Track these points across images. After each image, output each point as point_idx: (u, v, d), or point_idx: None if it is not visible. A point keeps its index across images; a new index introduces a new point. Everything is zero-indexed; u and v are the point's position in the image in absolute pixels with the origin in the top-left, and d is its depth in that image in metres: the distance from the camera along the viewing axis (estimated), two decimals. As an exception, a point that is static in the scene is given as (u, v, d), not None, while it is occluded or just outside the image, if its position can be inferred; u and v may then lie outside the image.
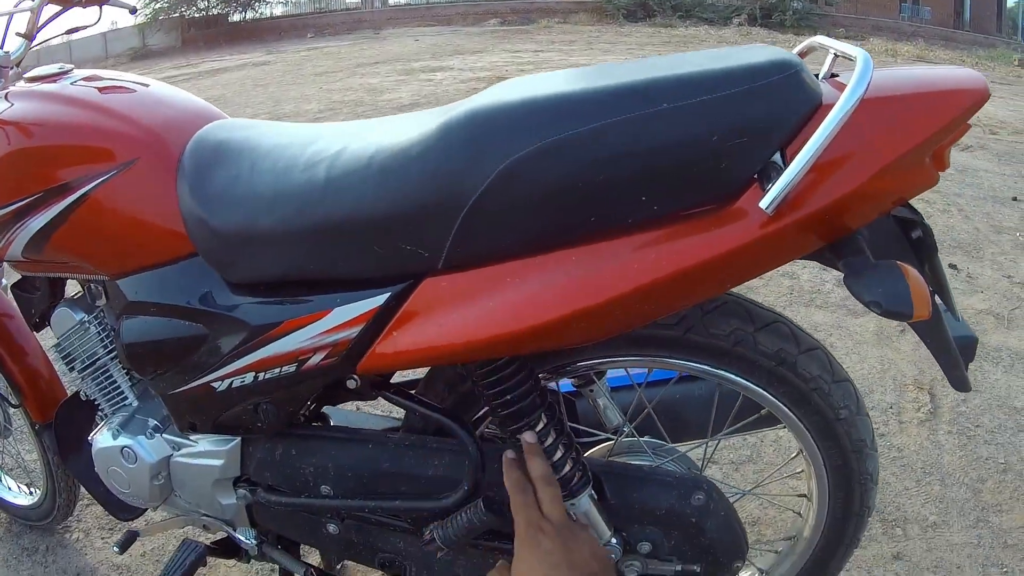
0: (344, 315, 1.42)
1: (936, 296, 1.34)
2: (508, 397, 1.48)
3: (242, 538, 1.89)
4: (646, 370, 1.69)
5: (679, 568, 1.65)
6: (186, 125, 1.64)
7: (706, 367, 1.55)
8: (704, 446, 1.88)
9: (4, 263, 2.42)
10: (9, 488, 2.91)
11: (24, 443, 3.02)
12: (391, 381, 1.67)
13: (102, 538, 2.79)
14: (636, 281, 1.22)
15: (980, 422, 3.31)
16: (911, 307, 1.14)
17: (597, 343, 1.48)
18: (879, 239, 1.32)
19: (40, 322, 2.08)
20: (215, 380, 1.59)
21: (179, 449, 1.82)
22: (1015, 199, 5.35)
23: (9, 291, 2.13)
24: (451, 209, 1.26)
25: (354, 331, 1.42)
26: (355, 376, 1.57)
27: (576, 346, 1.46)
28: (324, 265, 1.42)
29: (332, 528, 1.77)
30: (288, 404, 1.62)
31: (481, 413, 1.68)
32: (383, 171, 1.33)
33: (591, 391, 1.76)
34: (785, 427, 1.67)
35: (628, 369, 1.68)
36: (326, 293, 1.45)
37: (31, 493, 2.82)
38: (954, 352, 1.40)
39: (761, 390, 1.57)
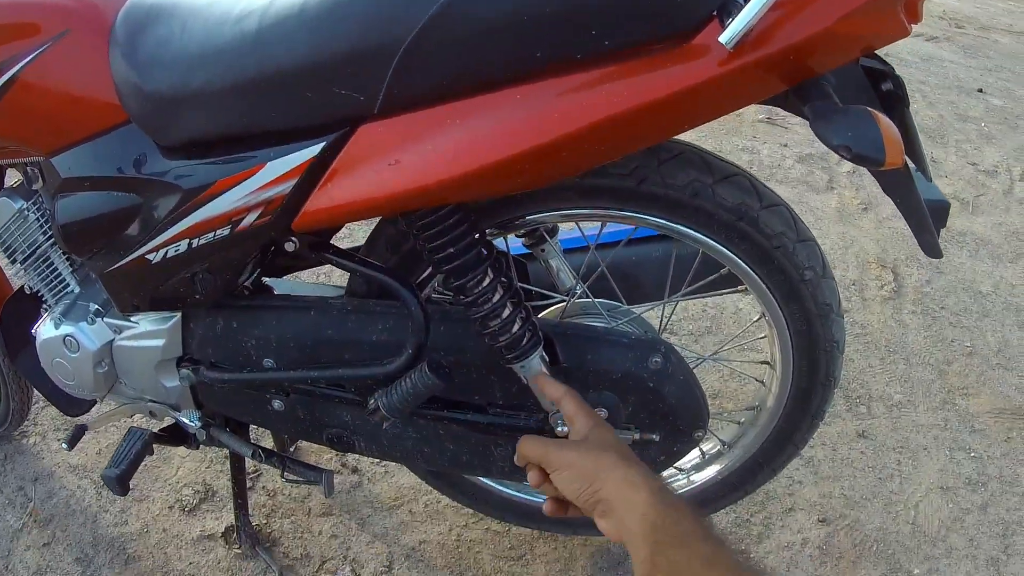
0: (277, 169, 1.37)
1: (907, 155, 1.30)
2: (451, 250, 1.43)
3: (187, 421, 1.85)
4: (599, 227, 1.64)
5: (637, 437, 1.62)
6: None
7: (663, 220, 1.50)
8: (662, 309, 1.85)
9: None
10: (-38, 398, 2.85)
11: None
12: (332, 242, 1.62)
13: (59, 440, 2.75)
14: (585, 119, 1.16)
15: (945, 304, 3.31)
16: (883, 152, 1.08)
17: (547, 195, 1.47)
18: (847, 88, 1.26)
19: None
20: (150, 252, 1.54)
21: (120, 332, 1.77)
22: (980, 91, 5.32)
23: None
24: (386, 49, 1.20)
25: (288, 185, 1.37)
26: (293, 238, 1.51)
27: (523, 191, 1.41)
28: (257, 119, 1.36)
29: (277, 404, 1.74)
30: (225, 271, 1.57)
31: (426, 275, 1.64)
32: (316, 17, 1.26)
33: (543, 251, 1.73)
34: (746, 290, 1.64)
35: (580, 225, 1.65)
36: (259, 148, 1.39)
37: (-17, 402, 2.77)
38: (926, 215, 1.36)
39: (721, 247, 1.53)
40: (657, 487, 1.19)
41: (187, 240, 1.50)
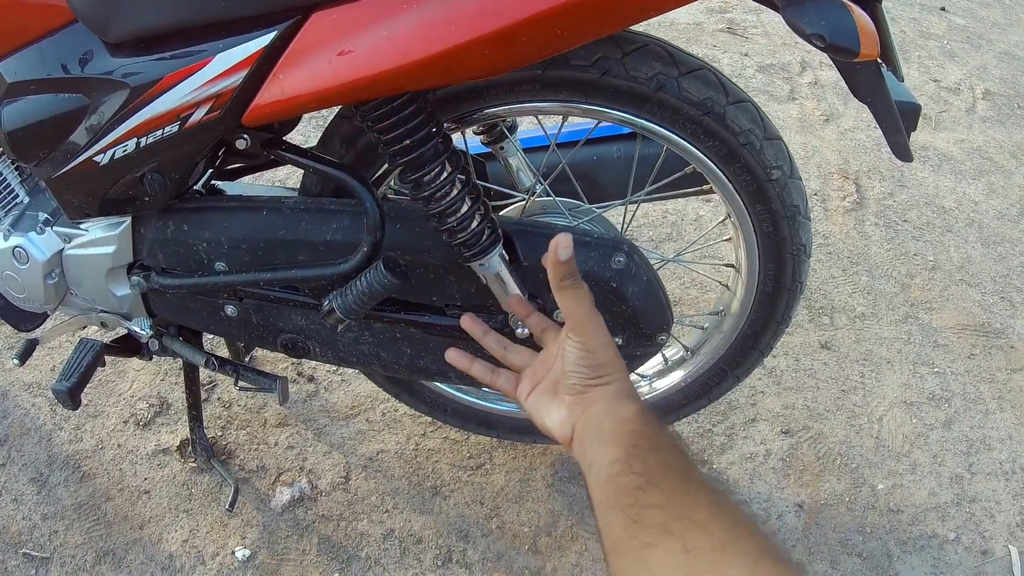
0: (226, 61, 1.32)
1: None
2: (407, 141, 1.38)
3: (138, 330, 1.82)
4: (559, 124, 1.61)
5: None
6: None
7: (627, 115, 1.47)
8: (624, 209, 1.81)
9: None
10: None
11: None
12: (285, 139, 1.58)
13: (12, 358, 2.72)
14: (544, 3, 1.13)
15: (908, 217, 3.30)
16: (857, 42, 1.07)
17: (508, 88, 1.44)
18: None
19: None
20: (97, 153, 1.50)
21: (70, 241, 1.73)
22: (943, 9, 5.28)
23: None
24: None
25: (237, 77, 1.33)
26: (244, 135, 1.48)
27: (481, 78, 1.39)
28: (204, 9, 1.31)
29: (230, 310, 1.71)
30: (174, 171, 1.53)
31: (382, 172, 1.61)
32: None
33: (502, 149, 1.70)
34: (710, 191, 1.62)
35: (541, 121, 1.61)
36: (208, 40, 1.34)
37: (-67, 324, 2.73)
38: (896, 116, 1.33)
39: (686, 143, 1.50)
40: (645, 406, 1.20)
41: (135, 139, 1.46)
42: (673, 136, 1.49)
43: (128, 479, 2.26)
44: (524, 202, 1.74)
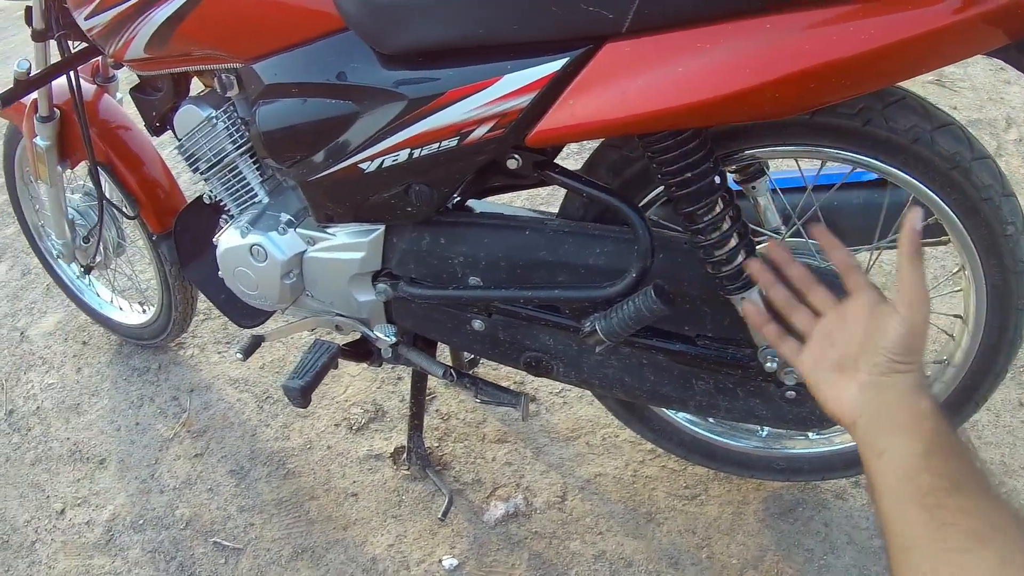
0: (515, 82, 1.33)
1: None
2: (687, 175, 1.38)
3: (382, 336, 1.83)
4: (818, 165, 1.59)
5: None
6: None
7: (882, 164, 1.46)
8: (869, 254, 1.80)
9: (117, 75, 2.38)
10: (120, 308, 2.89)
11: (139, 263, 3.02)
12: (555, 162, 1.57)
13: (219, 352, 2.77)
14: (834, 53, 1.13)
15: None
16: None
17: (776, 129, 1.44)
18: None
19: (161, 126, 2.01)
20: (364, 160, 1.52)
21: (314, 244, 1.75)
22: None
23: (129, 96, 2.06)
24: None
25: (525, 99, 1.33)
26: (517, 155, 1.48)
27: (764, 120, 1.40)
28: (495, 29, 1.33)
29: (478, 324, 1.71)
30: (443, 185, 1.53)
31: (646, 201, 1.59)
32: None
33: (753, 188, 1.68)
34: (947, 242, 1.60)
35: (799, 162, 1.60)
36: (495, 60, 1.35)
37: (144, 311, 2.80)
38: None
39: (934, 195, 1.47)
40: (938, 405, 1.13)
41: (408, 150, 1.47)
42: (922, 187, 1.48)
43: (335, 480, 2.28)
44: (777, 240, 1.71)
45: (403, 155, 1.48)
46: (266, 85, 1.56)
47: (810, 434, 1.95)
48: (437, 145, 1.44)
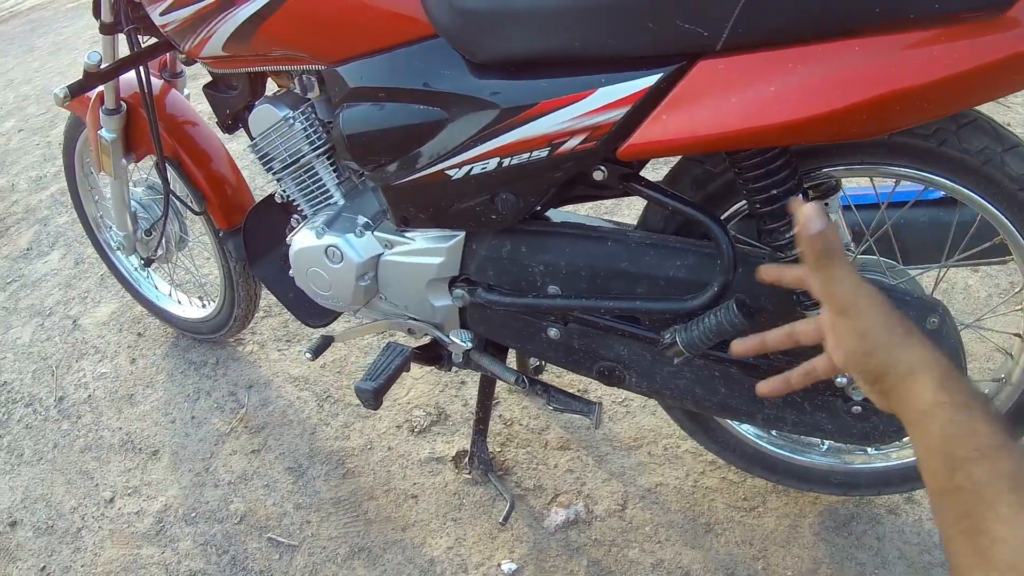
0: (609, 95, 1.34)
1: None
2: (774, 191, 1.41)
3: (457, 341, 1.84)
4: (892, 184, 1.62)
5: None
6: None
7: (955, 184, 1.48)
8: (937, 272, 1.84)
9: (185, 70, 2.40)
10: (179, 302, 2.92)
11: (199, 257, 3.06)
12: (640, 174, 1.58)
13: (278, 350, 2.79)
14: (923, 76, 1.15)
15: None
16: None
17: (855, 149, 1.46)
18: None
19: (233, 124, 2.03)
20: (451, 167, 1.53)
21: (392, 247, 1.77)
22: None
23: (201, 93, 2.08)
24: None
25: (619, 113, 1.34)
26: (603, 166, 1.49)
27: (850, 140, 1.42)
28: (590, 43, 1.34)
29: (553, 333, 1.72)
30: (529, 194, 1.55)
31: (726, 215, 1.61)
32: None
33: (827, 205, 1.69)
34: (1010, 261, 1.62)
35: (874, 181, 1.64)
36: (589, 73, 1.36)
37: (203, 306, 2.83)
38: None
39: (1000, 214, 1.49)
40: (947, 378, 1.00)
41: (498, 159, 1.48)
42: (990, 207, 1.49)
43: (396, 481, 2.30)
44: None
45: (492, 163, 1.49)
46: (351, 88, 1.57)
47: (869, 449, 1.96)
48: (527, 155, 1.45)
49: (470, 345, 1.84)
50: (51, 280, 3.50)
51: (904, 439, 1.73)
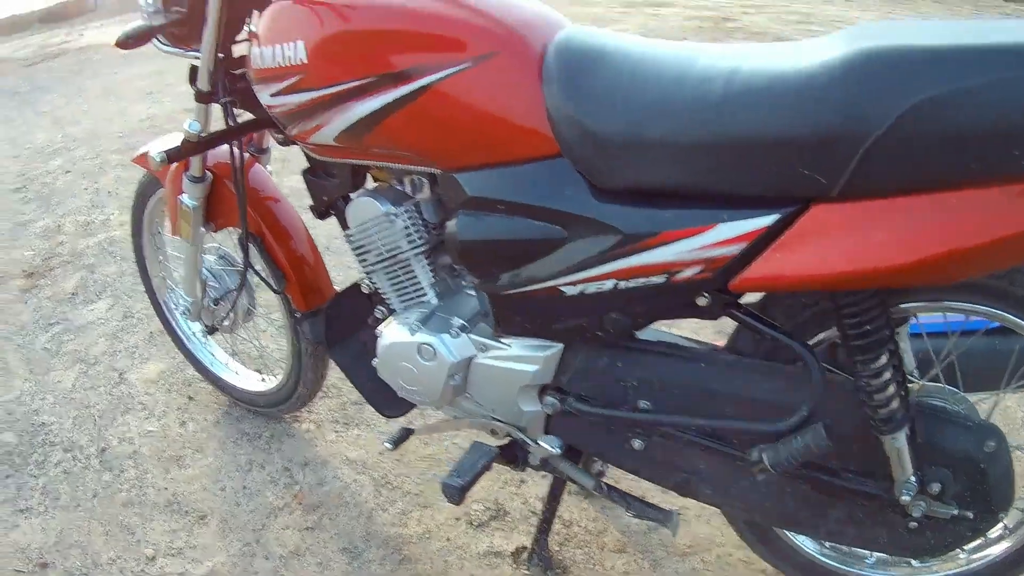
0: (729, 231, 1.44)
1: None
2: (867, 327, 1.51)
3: (546, 446, 1.91)
4: (963, 317, 1.69)
5: (955, 513, 1.66)
6: (542, 27, 1.64)
7: (1018, 318, 1.58)
8: (994, 399, 1.90)
9: (271, 147, 2.45)
10: (236, 372, 2.98)
11: (262, 330, 3.12)
12: (740, 303, 1.66)
13: (335, 431, 2.85)
14: (1005, 230, 1.25)
15: None
16: None
17: (936, 287, 1.57)
18: None
19: (326, 211, 2.10)
20: (566, 284, 1.61)
21: (486, 350, 1.85)
22: None
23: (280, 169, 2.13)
24: (855, 140, 1.27)
25: (737, 248, 1.44)
26: (707, 293, 1.57)
27: (944, 283, 1.53)
28: (714, 179, 1.44)
29: (637, 444, 1.79)
30: (638, 316, 1.64)
31: (814, 342, 1.70)
32: (786, 94, 1.34)
33: (897, 333, 1.76)
34: None
35: (946, 315, 1.73)
36: (711, 207, 1.46)
37: (263, 379, 2.89)
38: None
39: None
40: None
41: (614, 281, 1.57)
42: None
43: (453, 571, 2.34)
44: (918, 385, 1.81)
45: (608, 285, 1.57)
46: (469, 196, 1.65)
47: (914, 561, 2.01)
48: (644, 280, 1.54)
49: (560, 451, 1.90)
50: (97, 329, 3.56)
51: (948, 553, 1.79)
